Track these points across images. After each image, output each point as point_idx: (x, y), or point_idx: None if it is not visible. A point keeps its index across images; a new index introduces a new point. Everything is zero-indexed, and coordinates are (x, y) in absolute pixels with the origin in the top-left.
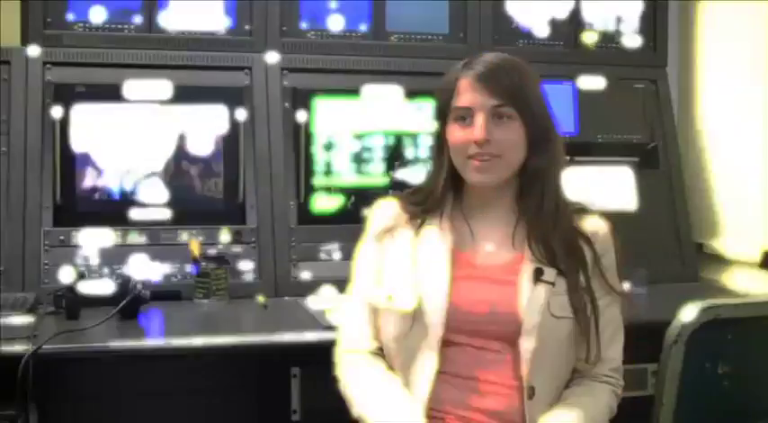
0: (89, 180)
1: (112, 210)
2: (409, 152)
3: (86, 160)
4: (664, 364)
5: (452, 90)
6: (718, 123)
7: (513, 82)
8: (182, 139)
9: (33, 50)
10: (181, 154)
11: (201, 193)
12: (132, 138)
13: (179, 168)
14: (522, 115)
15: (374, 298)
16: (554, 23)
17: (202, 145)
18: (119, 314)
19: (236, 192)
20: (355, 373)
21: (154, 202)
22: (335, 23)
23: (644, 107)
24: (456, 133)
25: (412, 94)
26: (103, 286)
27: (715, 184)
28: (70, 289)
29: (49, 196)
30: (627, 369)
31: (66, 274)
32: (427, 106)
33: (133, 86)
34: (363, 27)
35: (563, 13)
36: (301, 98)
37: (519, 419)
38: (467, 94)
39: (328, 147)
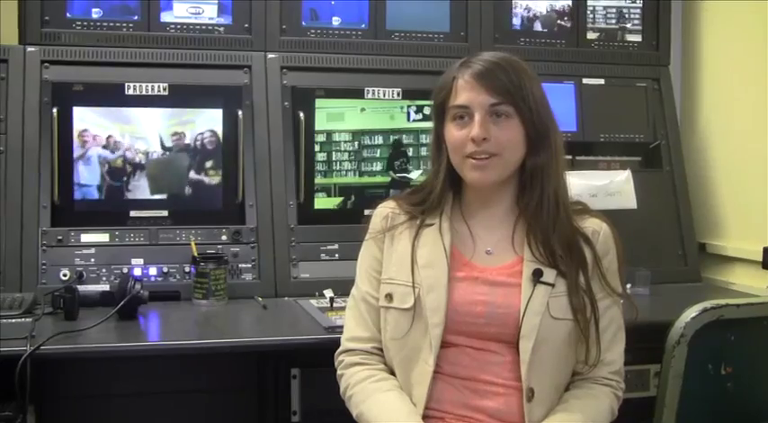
0: (87, 179)
1: (110, 209)
2: (409, 151)
3: (84, 159)
4: (666, 365)
5: (450, 89)
6: (721, 122)
7: (511, 80)
8: (181, 138)
9: (31, 49)
10: (180, 153)
11: (201, 192)
12: (131, 137)
13: (178, 167)
14: (520, 113)
15: (374, 298)
16: (555, 22)
17: (201, 144)
18: (117, 314)
19: (236, 191)
20: (354, 377)
21: (152, 201)
22: (336, 22)
23: (646, 106)
24: (454, 132)
25: (412, 92)
26: (101, 286)
27: (718, 183)
28: (68, 289)
29: (46, 196)
30: (629, 370)
31: (64, 275)
32: (427, 105)
33: (131, 85)
34: (364, 25)
35: (565, 11)
36: (301, 97)
37: (518, 420)
38: (464, 92)
39: (328, 146)
